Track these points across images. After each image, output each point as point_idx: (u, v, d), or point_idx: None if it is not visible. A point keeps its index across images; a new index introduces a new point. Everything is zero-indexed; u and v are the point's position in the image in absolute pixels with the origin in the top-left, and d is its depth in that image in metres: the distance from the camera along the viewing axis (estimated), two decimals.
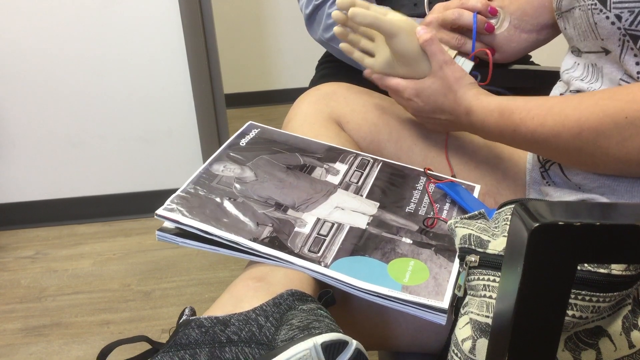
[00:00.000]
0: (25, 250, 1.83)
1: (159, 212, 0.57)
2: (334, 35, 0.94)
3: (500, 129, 0.62)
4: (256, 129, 0.74)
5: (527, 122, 0.59)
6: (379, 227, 0.61)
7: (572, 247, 0.31)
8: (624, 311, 0.46)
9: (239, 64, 2.94)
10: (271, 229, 0.58)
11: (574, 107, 0.55)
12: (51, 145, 1.89)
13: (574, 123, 0.55)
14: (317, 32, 1.01)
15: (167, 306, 1.54)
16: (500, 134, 0.63)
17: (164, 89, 1.85)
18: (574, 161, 0.59)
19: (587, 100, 0.55)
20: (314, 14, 0.99)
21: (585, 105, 0.54)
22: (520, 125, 0.59)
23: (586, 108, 0.54)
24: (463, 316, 0.51)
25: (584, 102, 0.55)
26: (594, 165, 0.58)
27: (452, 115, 0.67)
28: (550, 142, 0.57)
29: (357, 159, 0.72)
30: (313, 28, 1.02)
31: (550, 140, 0.57)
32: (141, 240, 1.85)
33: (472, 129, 0.67)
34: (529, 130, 0.59)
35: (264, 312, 0.47)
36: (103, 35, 1.77)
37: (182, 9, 1.73)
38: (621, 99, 0.52)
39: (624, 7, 0.54)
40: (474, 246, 0.51)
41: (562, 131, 0.56)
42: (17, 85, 1.80)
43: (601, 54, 0.60)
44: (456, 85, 0.66)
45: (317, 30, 1.01)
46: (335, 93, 0.80)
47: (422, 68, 0.69)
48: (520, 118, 0.59)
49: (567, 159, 0.60)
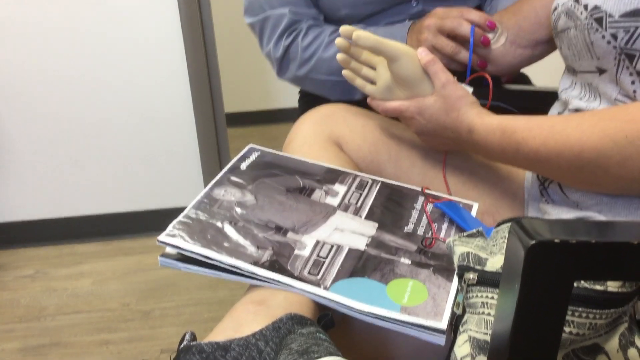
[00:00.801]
0: (25, 270, 1.82)
1: (161, 238, 0.57)
2: (311, 67, 0.92)
3: (503, 148, 0.62)
4: (256, 152, 0.75)
5: (529, 141, 0.59)
6: (378, 248, 0.62)
7: (569, 264, 0.31)
8: (621, 328, 0.47)
9: (240, 83, 2.96)
10: (271, 252, 0.58)
11: (575, 126, 0.56)
12: (52, 164, 1.89)
13: (575, 142, 0.55)
14: (291, 72, 0.96)
15: (166, 326, 1.53)
16: (502, 153, 0.63)
17: (165, 108, 1.86)
18: (576, 180, 0.60)
19: (588, 120, 0.56)
20: (286, 55, 0.94)
21: (587, 125, 0.55)
22: (523, 145, 0.60)
23: (587, 128, 0.55)
24: (462, 334, 0.51)
25: (585, 122, 0.56)
26: (595, 184, 0.58)
27: (454, 133, 0.68)
28: (552, 161, 0.58)
29: (356, 180, 0.72)
30: (287, 69, 0.96)
31: (552, 159, 0.58)
32: (141, 259, 1.85)
33: (474, 148, 0.68)
34: (531, 150, 0.59)
35: (263, 336, 0.47)
36: (105, 55, 1.78)
37: (184, 29, 1.75)
38: (621, 119, 0.53)
39: (620, 27, 0.55)
40: (472, 264, 0.52)
41: (564, 150, 0.56)
42: (18, 104, 1.82)
43: (595, 74, 0.61)
44: (458, 104, 0.67)
45: (291, 70, 0.96)
46: (335, 114, 0.80)
47: (424, 90, 0.70)
48: (523, 137, 0.60)
49: (568, 178, 0.60)
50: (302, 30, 0.92)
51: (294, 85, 1.04)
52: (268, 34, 0.95)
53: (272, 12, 0.93)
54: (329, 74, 0.93)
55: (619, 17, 0.55)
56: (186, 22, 1.74)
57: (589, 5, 0.58)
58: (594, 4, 0.57)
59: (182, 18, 1.74)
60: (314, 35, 0.92)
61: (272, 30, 0.94)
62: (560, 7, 0.64)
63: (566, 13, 0.62)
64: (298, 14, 0.93)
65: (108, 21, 1.75)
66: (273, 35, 0.94)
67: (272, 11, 0.93)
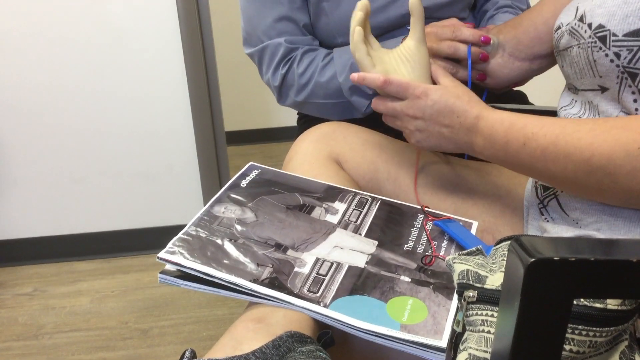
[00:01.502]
0: (23, 287, 1.81)
1: (161, 255, 0.57)
2: (309, 93, 0.94)
3: (508, 140, 0.61)
4: (257, 170, 0.75)
5: (539, 137, 0.58)
6: (378, 266, 0.62)
7: (568, 282, 0.31)
8: (621, 347, 0.46)
9: (240, 101, 2.98)
10: (271, 269, 0.58)
11: (588, 130, 0.55)
12: (51, 181, 1.90)
13: (586, 147, 0.55)
14: (290, 98, 0.98)
15: (164, 344, 1.52)
16: (505, 145, 0.61)
17: (165, 126, 1.87)
18: (580, 186, 0.58)
19: (601, 125, 0.55)
20: (284, 83, 0.96)
21: (600, 131, 0.55)
22: (531, 140, 0.59)
23: (600, 134, 0.54)
24: (462, 352, 0.51)
25: (597, 127, 0.55)
26: (600, 193, 0.57)
27: (460, 117, 0.65)
28: (559, 162, 0.57)
29: (356, 198, 0.73)
30: (287, 95, 0.99)
31: (559, 160, 0.57)
32: (139, 277, 1.84)
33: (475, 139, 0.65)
34: (539, 146, 0.58)
35: (263, 354, 0.47)
36: (104, 72, 1.80)
37: (184, 46, 1.76)
38: (635, 130, 0.53)
39: (623, 46, 0.56)
40: (472, 281, 0.52)
41: (574, 153, 0.55)
42: (18, 121, 1.82)
43: (597, 91, 0.62)
44: (468, 94, 0.67)
45: (290, 96, 0.98)
46: (335, 132, 0.81)
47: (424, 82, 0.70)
48: (533, 132, 0.59)
49: (572, 183, 0.58)
50: (297, 57, 0.94)
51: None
52: (266, 63, 0.97)
53: (269, 42, 0.95)
54: (327, 97, 0.94)
55: (622, 37, 0.55)
56: (187, 40, 1.76)
57: (593, 24, 0.58)
58: (598, 23, 0.58)
59: (183, 36, 1.76)
60: (309, 61, 0.94)
61: (270, 60, 0.96)
62: (564, 27, 0.65)
63: (569, 31, 0.63)
64: (294, 43, 0.95)
65: (108, 37, 1.76)
66: (271, 64, 0.96)
67: (269, 41, 0.95)
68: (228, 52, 2.79)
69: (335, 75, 0.92)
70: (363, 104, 0.92)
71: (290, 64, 0.95)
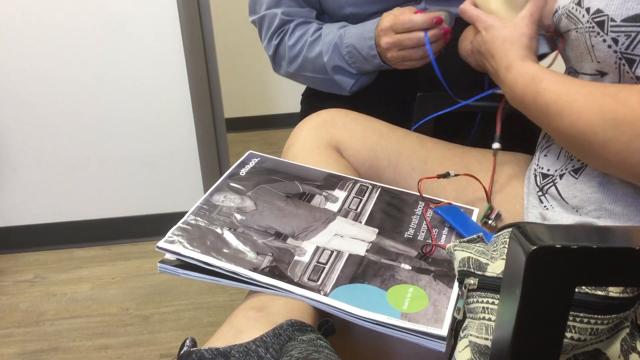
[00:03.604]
0: (24, 274, 1.82)
1: (160, 244, 0.57)
2: (299, 66, 0.98)
3: (524, 93, 0.62)
4: (256, 158, 0.75)
5: (546, 94, 0.59)
6: (378, 254, 0.62)
7: (570, 269, 0.31)
8: (622, 334, 0.46)
9: (240, 88, 2.96)
10: (271, 258, 0.58)
11: (586, 94, 0.56)
12: (51, 169, 1.89)
13: (576, 109, 0.55)
14: (283, 68, 1.03)
15: (165, 331, 1.53)
16: (522, 98, 0.63)
17: (165, 113, 1.86)
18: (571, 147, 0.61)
19: (598, 91, 0.55)
20: (277, 53, 1.01)
21: (594, 96, 0.55)
22: (541, 95, 0.60)
23: (593, 99, 0.55)
24: (462, 339, 0.51)
25: (596, 91, 0.55)
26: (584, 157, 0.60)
27: (497, 62, 0.68)
28: (555, 121, 0.58)
29: (356, 186, 0.72)
30: (279, 65, 1.04)
31: (555, 119, 0.58)
32: (140, 264, 1.84)
33: (504, 86, 0.68)
34: (544, 103, 0.59)
35: (264, 343, 0.47)
36: (104, 59, 1.79)
37: (183, 33, 1.75)
38: (620, 100, 0.53)
39: (621, 31, 0.55)
40: (472, 269, 0.52)
41: (565, 114, 0.57)
42: (17, 109, 1.82)
43: (597, 76, 0.61)
44: (519, 39, 0.67)
45: (283, 67, 1.02)
46: (334, 119, 0.81)
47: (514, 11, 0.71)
48: (544, 87, 0.60)
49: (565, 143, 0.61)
50: (289, 29, 0.98)
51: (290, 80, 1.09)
52: (264, 32, 1.02)
53: (267, 12, 0.99)
54: (315, 72, 0.97)
55: (620, 22, 0.55)
56: (186, 27, 1.75)
57: (591, 8, 0.58)
58: (596, 7, 0.57)
59: (182, 23, 1.74)
60: (300, 34, 0.97)
61: (266, 29, 1.01)
62: (560, 10, 0.64)
63: (567, 15, 0.63)
64: (290, 15, 0.98)
65: (108, 26, 1.75)
66: (267, 34, 1.01)
67: (267, 11, 1.00)
68: (227, 38, 2.77)
69: (322, 52, 0.94)
70: (348, 83, 0.95)
71: (282, 35, 0.99)
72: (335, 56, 0.93)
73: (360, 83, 0.96)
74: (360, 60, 0.91)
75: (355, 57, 0.91)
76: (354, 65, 0.93)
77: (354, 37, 0.90)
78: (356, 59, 0.92)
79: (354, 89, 0.96)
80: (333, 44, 0.92)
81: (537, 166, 0.71)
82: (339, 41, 0.92)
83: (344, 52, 0.92)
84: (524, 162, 0.80)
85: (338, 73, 0.94)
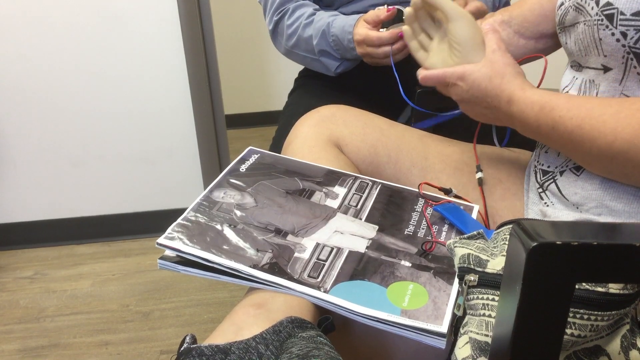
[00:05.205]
0: (24, 271, 1.82)
1: (160, 241, 0.57)
2: (294, 43, 1.10)
3: (539, 123, 0.61)
4: (256, 155, 0.75)
5: (565, 121, 0.58)
6: (378, 251, 0.62)
7: (570, 266, 0.31)
8: (623, 330, 0.46)
9: (240, 84, 2.96)
10: (271, 255, 0.58)
11: (613, 114, 0.55)
12: (51, 165, 1.89)
13: (610, 131, 0.54)
14: (281, 44, 1.14)
15: (165, 327, 1.53)
16: (538, 128, 0.62)
17: (165, 110, 1.86)
18: (605, 169, 0.59)
19: (627, 108, 0.54)
20: (276, 28, 1.13)
21: (624, 115, 0.54)
22: (559, 124, 0.59)
23: (624, 118, 0.54)
24: (462, 336, 0.51)
25: (623, 110, 0.54)
26: (625, 177, 0.58)
27: (494, 101, 0.66)
28: (585, 146, 0.57)
29: (356, 182, 0.72)
30: (278, 41, 1.15)
31: (585, 144, 0.57)
32: (140, 260, 1.84)
33: (511, 120, 0.66)
34: (566, 130, 0.58)
35: (264, 340, 0.47)
36: (104, 55, 1.78)
37: (183, 29, 1.75)
38: None
39: (630, 25, 0.55)
40: (473, 265, 0.52)
41: (598, 137, 0.55)
42: (17, 105, 1.82)
43: (600, 71, 0.61)
44: (503, 70, 0.66)
45: (280, 43, 1.14)
46: (334, 115, 0.80)
47: (476, 58, 0.69)
48: (560, 116, 0.59)
49: (598, 165, 0.59)
50: (289, 10, 1.11)
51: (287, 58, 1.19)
52: (268, 8, 1.14)
53: None
54: (307, 52, 1.10)
55: (630, 15, 0.54)
56: (186, 23, 1.74)
57: (600, 1, 0.57)
58: (605, 0, 0.57)
59: (182, 19, 1.74)
60: (297, 15, 1.10)
61: (270, 6, 1.13)
62: (567, 2, 0.64)
63: (575, 8, 0.62)
64: None
65: (107, 22, 1.75)
66: (269, 11, 1.13)
67: None
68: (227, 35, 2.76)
69: (312, 36, 1.06)
70: (333, 65, 1.08)
71: (282, 14, 1.12)
72: (322, 42, 1.06)
73: (344, 66, 1.09)
74: (342, 48, 1.04)
75: (338, 45, 1.04)
76: (338, 52, 1.06)
77: (337, 28, 1.03)
78: (339, 47, 1.05)
79: (339, 71, 1.09)
80: (322, 30, 1.05)
81: (537, 162, 0.71)
82: (326, 29, 1.04)
83: (330, 39, 1.05)
84: (524, 158, 0.80)
85: (324, 56, 1.08)
